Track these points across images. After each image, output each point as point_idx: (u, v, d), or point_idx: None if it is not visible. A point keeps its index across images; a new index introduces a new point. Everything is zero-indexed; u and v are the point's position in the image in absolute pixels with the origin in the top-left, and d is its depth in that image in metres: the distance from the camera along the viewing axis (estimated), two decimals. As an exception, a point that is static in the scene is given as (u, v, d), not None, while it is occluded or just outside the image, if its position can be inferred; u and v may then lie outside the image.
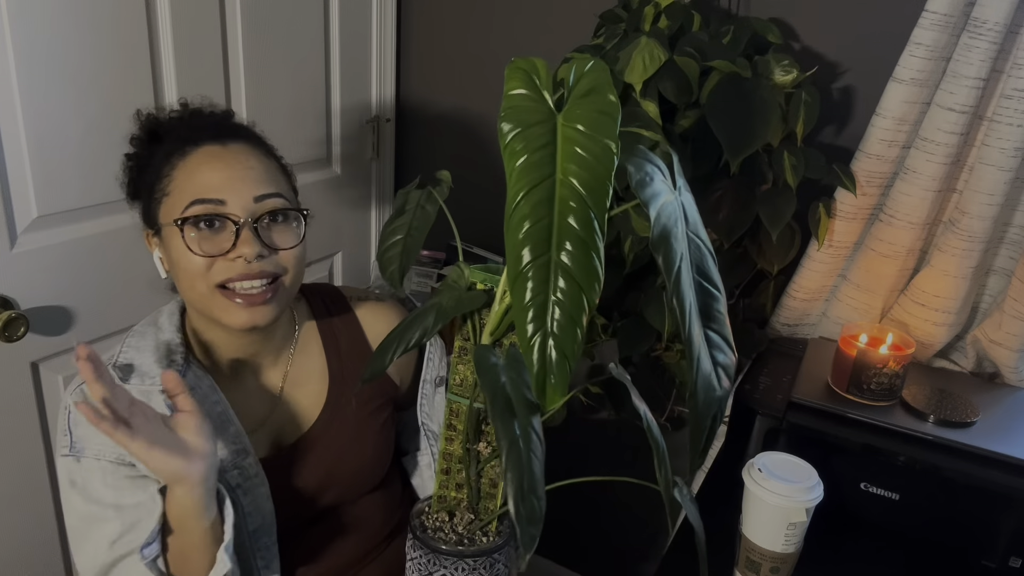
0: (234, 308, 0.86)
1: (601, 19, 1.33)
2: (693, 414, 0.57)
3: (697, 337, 0.57)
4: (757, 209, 1.17)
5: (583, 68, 0.59)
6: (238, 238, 0.84)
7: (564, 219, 0.54)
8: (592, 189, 0.54)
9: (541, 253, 0.54)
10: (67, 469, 0.87)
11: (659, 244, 0.55)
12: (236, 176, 0.86)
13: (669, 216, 0.57)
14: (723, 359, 0.59)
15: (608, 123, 0.56)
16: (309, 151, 1.58)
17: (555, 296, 0.54)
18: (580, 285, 0.54)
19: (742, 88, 1.13)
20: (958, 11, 1.10)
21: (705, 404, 0.57)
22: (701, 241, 0.62)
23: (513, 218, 0.54)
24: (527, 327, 0.54)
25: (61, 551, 1.28)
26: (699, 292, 0.59)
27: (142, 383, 0.88)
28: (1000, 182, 1.12)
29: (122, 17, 1.16)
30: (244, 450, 0.92)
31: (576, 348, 0.54)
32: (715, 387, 0.58)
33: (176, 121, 0.92)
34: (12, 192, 1.08)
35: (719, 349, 0.59)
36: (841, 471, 1.06)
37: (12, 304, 1.11)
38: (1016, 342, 1.19)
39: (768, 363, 1.25)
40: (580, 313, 0.54)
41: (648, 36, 1.17)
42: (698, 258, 0.60)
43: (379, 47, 1.68)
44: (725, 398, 0.59)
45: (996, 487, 1.00)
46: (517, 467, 0.57)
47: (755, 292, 1.38)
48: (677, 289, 0.56)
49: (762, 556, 0.91)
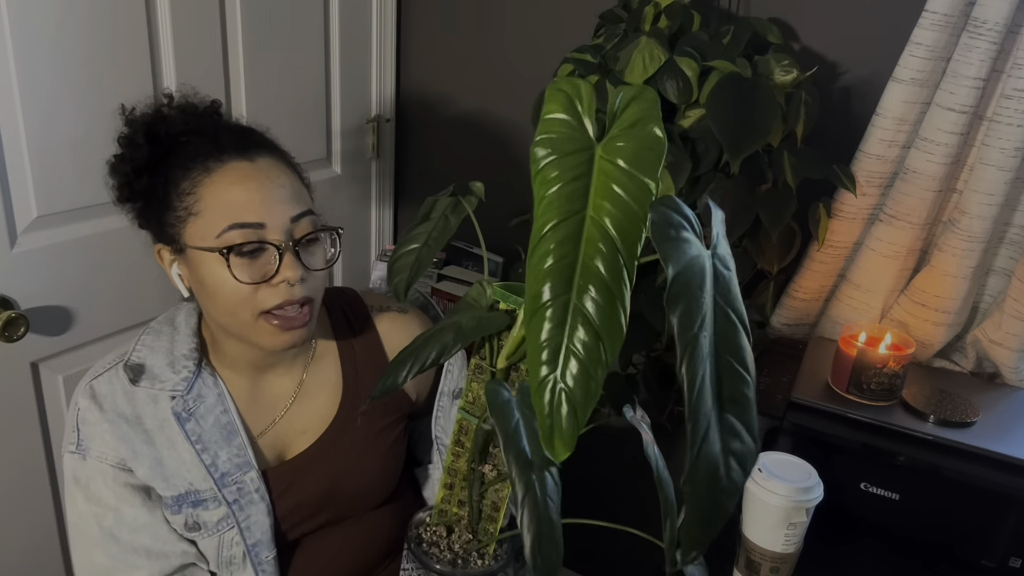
0: (274, 332, 0.84)
1: (601, 19, 1.33)
2: (691, 504, 0.48)
3: (706, 416, 0.48)
4: (757, 209, 1.17)
5: (630, 95, 0.54)
6: (281, 262, 0.82)
7: (590, 260, 0.49)
8: (624, 232, 0.50)
9: (561, 293, 0.49)
10: (72, 466, 0.87)
11: (675, 302, 0.48)
12: (271, 197, 0.83)
13: (695, 275, 0.50)
14: (739, 447, 0.49)
15: (651, 160, 0.51)
16: (309, 150, 1.58)
17: (571, 344, 0.49)
18: (599, 336, 0.49)
19: (742, 88, 1.12)
20: (958, 11, 1.10)
21: (708, 496, 0.47)
22: (734, 313, 0.52)
23: (536, 251, 0.50)
24: (540, 368, 0.49)
25: (61, 551, 1.28)
26: (722, 370, 0.50)
27: (151, 386, 0.88)
28: (1000, 182, 1.12)
29: (122, 17, 1.16)
30: (247, 463, 0.91)
31: (589, 403, 0.49)
32: (721, 476, 0.48)
33: (177, 121, 0.87)
34: (12, 192, 1.08)
35: (736, 436, 0.49)
36: (841, 471, 1.06)
37: (12, 304, 1.11)
38: (1016, 342, 1.19)
39: (768, 363, 1.25)
40: (597, 367, 0.49)
41: (648, 36, 1.17)
42: (727, 331, 0.51)
43: (379, 46, 1.68)
44: (735, 493, 0.49)
45: (996, 487, 1.00)
46: (534, 514, 0.54)
47: (755, 292, 1.38)
48: (690, 357, 0.48)
49: (762, 556, 0.91)
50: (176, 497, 0.89)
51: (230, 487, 0.89)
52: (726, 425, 0.49)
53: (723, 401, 0.50)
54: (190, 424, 0.89)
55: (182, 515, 0.89)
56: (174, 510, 0.89)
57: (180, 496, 0.89)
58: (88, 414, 0.87)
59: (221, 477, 0.89)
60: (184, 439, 0.88)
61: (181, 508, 0.89)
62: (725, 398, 0.50)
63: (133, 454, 0.87)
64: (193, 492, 0.89)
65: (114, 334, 1.26)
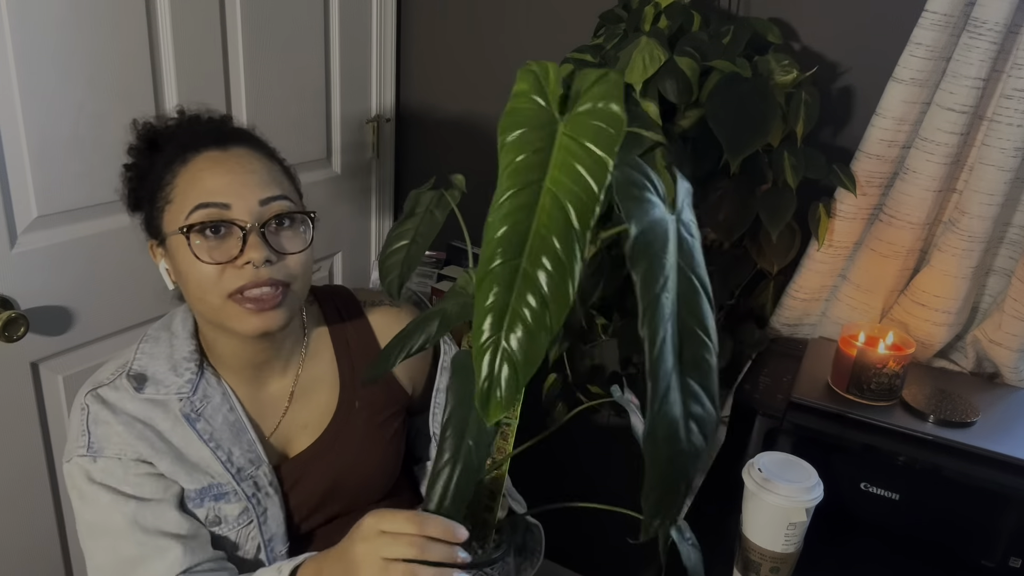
0: (245, 315, 0.84)
1: (601, 19, 1.33)
2: (651, 467, 0.47)
3: (666, 376, 0.48)
4: (757, 209, 1.17)
5: (595, 77, 0.56)
6: (245, 243, 0.83)
7: (543, 229, 0.51)
8: (579, 203, 0.51)
9: (512, 258, 0.51)
10: (83, 469, 0.86)
11: (638, 260, 0.49)
12: (239, 180, 0.84)
13: (657, 236, 0.51)
14: (699, 412, 0.49)
15: (610, 137, 0.52)
16: (309, 151, 1.58)
17: (518, 307, 0.50)
18: (546, 302, 0.50)
19: (742, 88, 1.13)
20: (958, 11, 1.10)
21: (668, 459, 0.47)
22: (698, 279, 0.53)
23: (494, 217, 0.52)
24: (482, 330, 0.50)
25: (61, 551, 1.28)
26: (684, 334, 0.50)
27: (157, 392, 0.88)
28: (1000, 182, 1.12)
29: (122, 17, 1.16)
30: (259, 458, 0.92)
31: (530, 368, 0.50)
32: (681, 438, 0.48)
33: (175, 128, 0.91)
34: (12, 192, 1.09)
35: (696, 400, 0.49)
36: (841, 471, 1.06)
37: (12, 304, 1.11)
38: (1016, 342, 1.19)
39: (768, 363, 1.25)
40: (541, 332, 0.50)
41: (648, 36, 1.17)
42: (690, 296, 0.51)
43: (379, 47, 1.68)
44: (695, 457, 0.48)
45: (996, 487, 1.00)
46: (445, 485, 0.59)
47: (755, 292, 1.38)
48: (652, 317, 0.48)
49: (762, 556, 0.91)
50: (199, 490, 0.89)
51: (247, 481, 0.91)
52: (687, 389, 0.50)
53: (684, 365, 0.50)
54: (200, 424, 0.89)
55: (204, 509, 0.90)
56: (196, 503, 0.89)
57: (203, 489, 0.89)
58: (100, 415, 0.87)
59: (238, 472, 0.90)
60: (197, 438, 0.89)
61: (203, 502, 0.89)
62: (686, 362, 0.50)
63: (153, 451, 0.87)
64: (216, 485, 0.90)
65: (114, 334, 1.26)
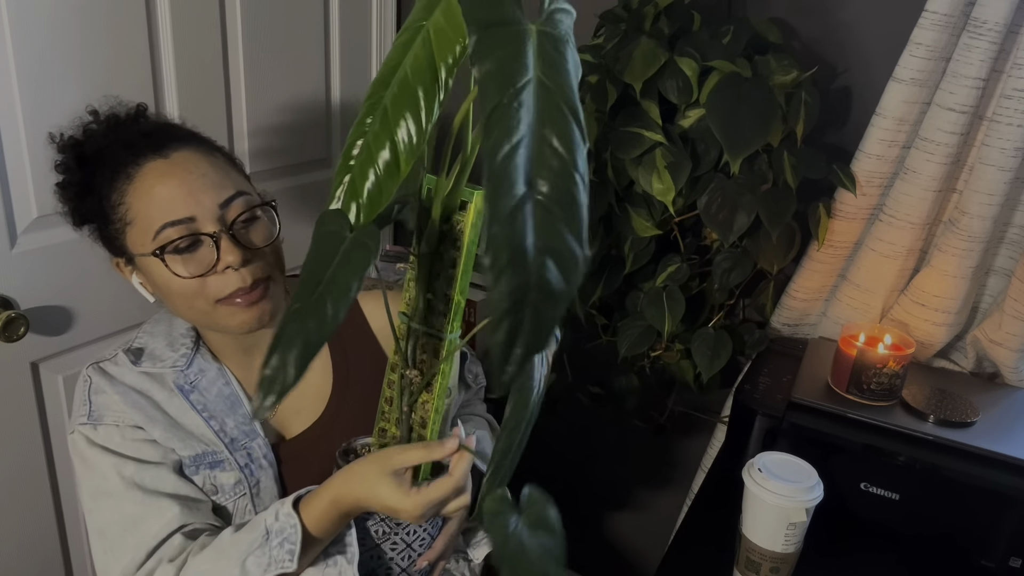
0: (236, 312, 0.86)
1: (601, 19, 1.32)
2: (493, 297, 0.38)
3: (512, 196, 0.40)
4: (757, 209, 1.17)
5: None
6: (219, 249, 0.83)
7: (408, 66, 0.57)
8: (442, 38, 0.57)
9: (376, 92, 0.58)
10: (85, 436, 0.88)
11: (480, 59, 0.43)
12: (194, 187, 0.83)
13: (509, 40, 0.45)
14: (559, 246, 0.40)
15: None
16: (309, 151, 1.58)
17: (370, 137, 0.58)
18: (392, 134, 0.58)
19: (742, 88, 1.13)
20: (958, 11, 1.10)
21: (511, 293, 0.38)
22: (567, 105, 0.44)
23: (391, 55, 0.59)
24: (351, 154, 0.59)
25: (61, 550, 1.28)
26: (541, 159, 0.42)
27: (153, 366, 0.91)
28: (1000, 182, 1.12)
29: (122, 18, 1.16)
30: (253, 431, 0.94)
31: (391, 180, 0.58)
32: (531, 270, 0.38)
33: (100, 138, 0.88)
34: (12, 192, 1.09)
35: (556, 235, 0.40)
36: (841, 471, 1.06)
37: (12, 304, 1.11)
38: (1016, 342, 1.19)
39: (768, 363, 1.25)
40: (391, 148, 0.58)
41: (648, 36, 1.17)
42: (558, 121, 0.43)
43: (379, 47, 1.68)
44: (551, 299, 0.39)
45: (996, 487, 1.00)
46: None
47: (755, 292, 1.38)
48: (500, 130, 0.41)
49: (762, 556, 0.91)
50: (194, 457, 0.90)
51: (240, 451, 0.92)
52: (545, 218, 0.40)
53: (541, 194, 0.41)
54: (194, 395, 0.91)
55: (200, 476, 0.91)
56: (192, 471, 0.91)
57: (198, 456, 0.90)
58: (100, 385, 0.90)
59: (231, 442, 0.92)
60: (191, 408, 0.91)
61: (199, 469, 0.91)
62: (547, 195, 0.41)
63: (147, 419, 0.89)
64: (210, 453, 0.91)
65: (114, 334, 1.26)
